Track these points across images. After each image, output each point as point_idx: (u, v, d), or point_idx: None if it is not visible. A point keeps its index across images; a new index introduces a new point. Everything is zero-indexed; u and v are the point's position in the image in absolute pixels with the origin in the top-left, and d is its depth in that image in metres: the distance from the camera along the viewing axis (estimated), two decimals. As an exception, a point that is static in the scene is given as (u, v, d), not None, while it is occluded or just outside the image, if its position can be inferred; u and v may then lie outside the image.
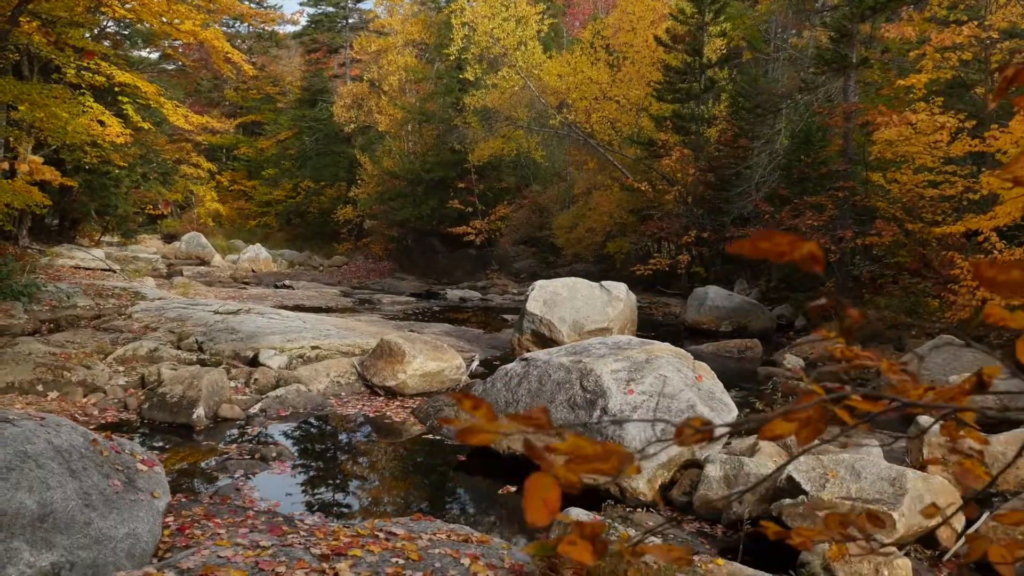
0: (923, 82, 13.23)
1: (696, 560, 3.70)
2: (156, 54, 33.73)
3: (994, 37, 13.01)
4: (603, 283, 11.93)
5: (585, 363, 6.45)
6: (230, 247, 30.89)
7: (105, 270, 18.69)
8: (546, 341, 10.62)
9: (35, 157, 15.43)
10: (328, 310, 16.57)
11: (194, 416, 7.23)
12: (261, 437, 7.05)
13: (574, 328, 10.96)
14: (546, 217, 26.07)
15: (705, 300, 15.21)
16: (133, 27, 22.81)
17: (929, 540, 4.77)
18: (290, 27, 43.33)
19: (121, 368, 8.78)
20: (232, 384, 8.29)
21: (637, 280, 18.44)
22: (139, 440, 6.54)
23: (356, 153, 32.49)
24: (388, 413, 8.04)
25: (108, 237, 24.80)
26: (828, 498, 4.70)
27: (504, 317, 16.54)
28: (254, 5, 38.05)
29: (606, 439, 4.73)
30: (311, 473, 6.30)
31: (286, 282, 22.98)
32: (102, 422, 7.10)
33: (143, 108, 17.90)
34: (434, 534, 3.74)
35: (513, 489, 5.81)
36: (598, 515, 4.83)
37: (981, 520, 4.89)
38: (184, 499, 5.07)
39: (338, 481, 6.24)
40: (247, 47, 40.66)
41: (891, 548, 3.35)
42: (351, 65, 39.36)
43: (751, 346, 12.39)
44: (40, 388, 7.77)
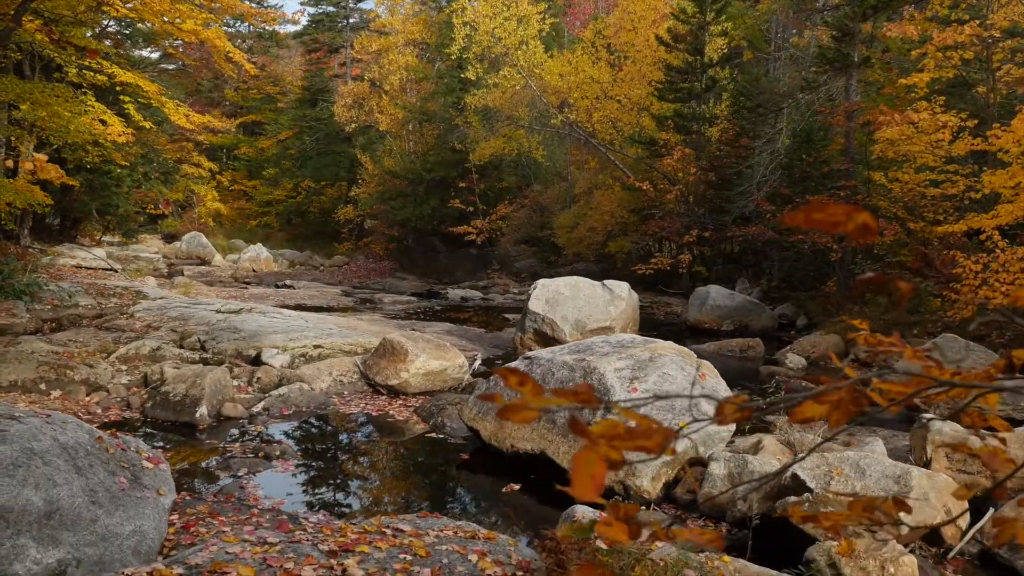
0: (925, 81, 13.25)
1: (702, 557, 3.70)
2: (157, 54, 33.77)
3: (996, 36, 13.01)
4: (605, 282, 11.93)
5: (588, 361, 6.45)
6: (231, 247, 30.91)
7: (106, 269, 18.69)
8: (548, 340, 10.62)
9: (40, 155, 15.43)
10: (329, 309, 16.57)
11: (197, 415, 7.23)
12: (264, 436, 7.04)
13: (576, 327, 10.95)
14: (547, 217, 26.07)
15: (707, 299, 15.21)
16: (134, 26, 22.81)
17: (934, 538, 4.77)
18: (291, 27, 43.40)
19: (124, 367, 8.78)
20: (235, 383, 8.29)
21: (638, 279, 18.44)
22: (142, 439, 6.53)
23: (357, 153, 32.49)
24: (391, 412, 8.04)
25: (109, 237, 24.81)
26: (833, 495, 4.70)
27: (505, 316, 16.54)
28: (255, 5, 38.06)
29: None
30: (315, 472, 6.30)
31: (287, 282, 22.98)
32: (105, 420, 7.10)
33: (144, 107, 17.89)
34: (441, 531, 3.74)
35: (517, 487, 5.80)
36: (603, 513, 4.83)
37: (986, 518, 4.89)
38: (188, 497, 5.06)
39: (342, 479, 6.24)
40: (248, 47, 40.68)
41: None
42: (352, 65, 39.37)
43: (753, 345, 12.39)
44: (43, 387, 7.77)
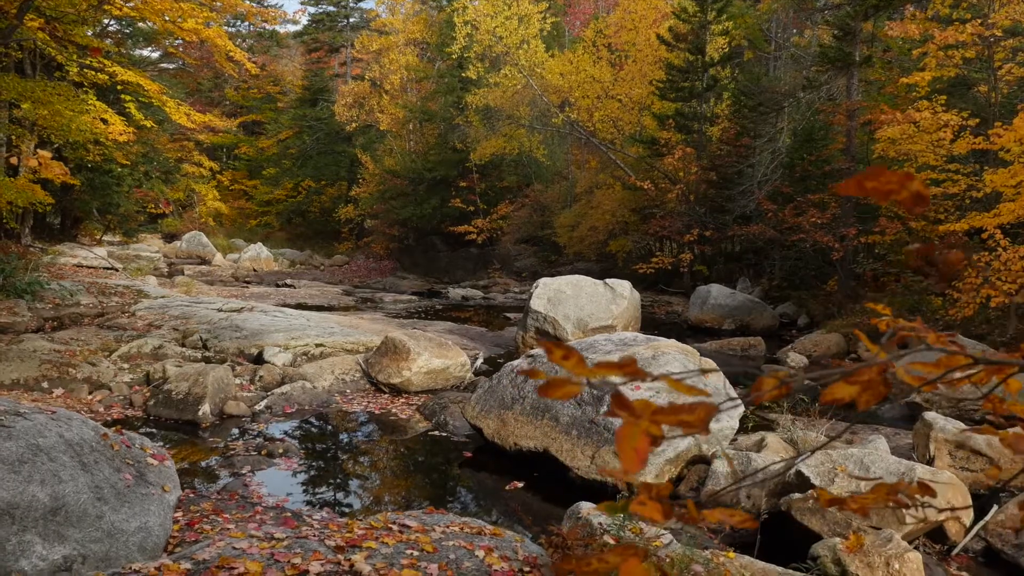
0: (926, 80, 13.24)
1: (708, 553, 3.70)
2: (157, 53, 33.78)
3: (997, 35, 13.00)
4: (607, 281, 11.93)
5: (591, 359, 6.44)
6: (231, 246, 30.91)
7: (107, 268, 18.68)
8: (550, 338, 10.62)
9: (44, 152, 15.42)
10: (331, 308, 16.58)
11: (200, 413, 7.23)
12: (267, 434, 7.04)
13: (578, 326, 10.96)
14: (548, 216, 26.07)
15: (708, 298, 15.21)
16: (135, 25, 22.81)
17: (938, 534, 4.78)
18: (291, 26, 43.43)
19: (126, 365, 8.77)
20: (237, 381, 8.29)
21: (639, 279, 18.44)
22: (146, 436, 6.54)
23: (357, 152, 32.49)
24: (393, 410, 8.04)
25: (109, 236, 24.81)
26: (838, 492, 4.70)
27: (506, 315, 16.55)
28: (255, 4, 38.06)
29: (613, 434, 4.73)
30: (318, 469, 6.30)
31: (288, 281, 22.99)
32: (108, 419, 7.09)
33: (145, 106, 17.89)
34: (447, 527, 3.74)
35: (520, 485, 5.81)
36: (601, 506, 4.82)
37: (990, 515, 4.89)
38: (192, 494, 5.07)
39: (345, 477, 6.24)
40: (248, 46, 40.71)
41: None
42: (352, 64, 39.39)
43: (754, 344, 12.40)
44: (45, 385, 7.77)
